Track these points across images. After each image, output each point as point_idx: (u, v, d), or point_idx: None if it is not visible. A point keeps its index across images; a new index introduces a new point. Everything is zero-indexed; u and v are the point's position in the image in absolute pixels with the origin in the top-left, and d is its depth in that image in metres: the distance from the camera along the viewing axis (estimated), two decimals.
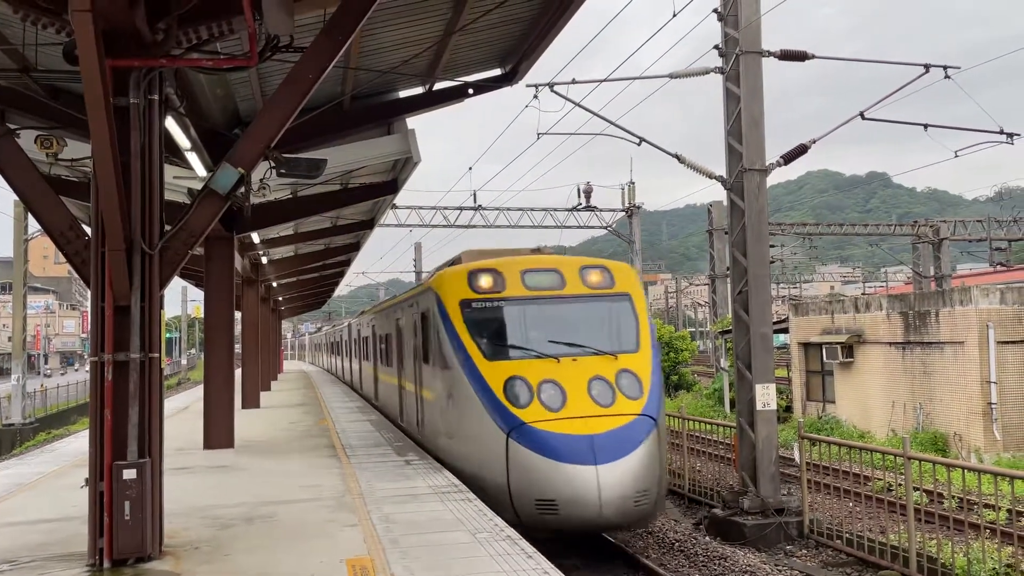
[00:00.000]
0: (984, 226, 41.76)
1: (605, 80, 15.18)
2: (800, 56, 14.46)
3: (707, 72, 14.45)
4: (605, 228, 40.34)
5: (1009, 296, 19.46)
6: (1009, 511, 11.72)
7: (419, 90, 13.71)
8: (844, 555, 11.84)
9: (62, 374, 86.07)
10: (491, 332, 11.54)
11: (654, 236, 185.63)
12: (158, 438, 7.50)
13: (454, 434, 11.92)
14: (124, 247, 7.17)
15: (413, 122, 14.50)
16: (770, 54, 14.04)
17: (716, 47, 14.27)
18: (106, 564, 7.15)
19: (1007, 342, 19.09)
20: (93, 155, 6.85)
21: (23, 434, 33.87)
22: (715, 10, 14.20)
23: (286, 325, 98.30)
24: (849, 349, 23.44)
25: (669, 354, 34.85)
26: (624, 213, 39.06)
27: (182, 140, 10.13)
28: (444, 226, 38.32)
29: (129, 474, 7.14)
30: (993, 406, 18.81)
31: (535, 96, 15.12)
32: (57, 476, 12.71)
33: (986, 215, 43.36)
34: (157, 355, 7.52)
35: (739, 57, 13.77)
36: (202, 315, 25.47)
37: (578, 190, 39.14)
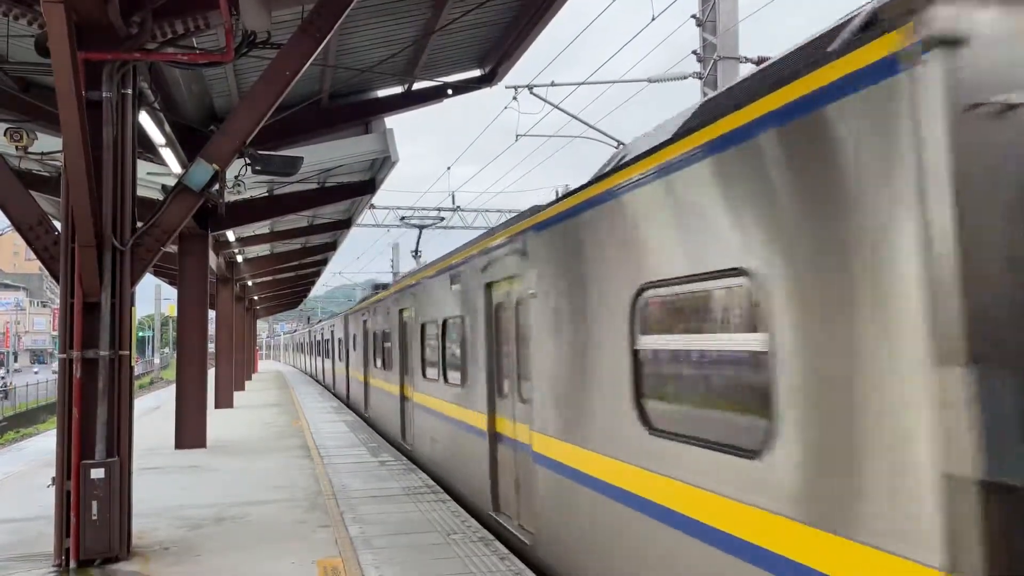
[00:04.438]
0: None
1: (583, 83, 15.25)
2: None
3: (685, 77, 14.56)
4: None
5: None
6: None
7: (398, 90, 13.66)
8: None
9: (35, 372, 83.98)
10: None
11: None
12: (127, 437, 7.40)
13: None
14: (94, 243, 7.07)
15: (391, 122, 14.49)
16: (747, 60, 14.16)
17: (694, 52, 14.38)
18: (72, 565, 7.03)
19: None
20: (64, 149, 6.74)
21: None
22: (693, 16, 14.31)
23: (261, 325, 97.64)
24: None
25: None
26: None
27: (156, 135, 10.02)
28: (422, 226, 38.12)
29: (97, 473, 7.04)
30: None
31: (514, 98, 15.18)
32: (24, 476, 12.50)
33: None
34: (127, 352, 7.42)
35: (717, 62, 13.88)
36: (175, 314, 25.21)
37: (557, 194, 39.21)
